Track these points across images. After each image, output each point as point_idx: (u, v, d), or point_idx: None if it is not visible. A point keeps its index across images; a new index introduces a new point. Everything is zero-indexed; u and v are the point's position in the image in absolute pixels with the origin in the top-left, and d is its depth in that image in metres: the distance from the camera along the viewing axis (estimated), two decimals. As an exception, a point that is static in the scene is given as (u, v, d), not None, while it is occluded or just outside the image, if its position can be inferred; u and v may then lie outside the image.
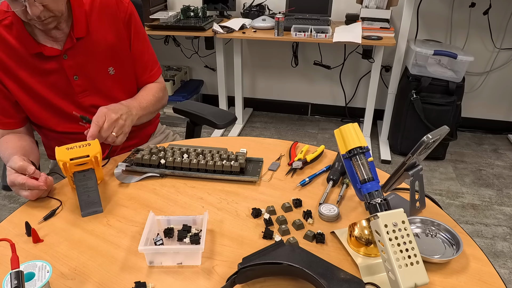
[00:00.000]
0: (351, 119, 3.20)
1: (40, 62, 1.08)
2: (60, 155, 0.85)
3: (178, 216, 0.80)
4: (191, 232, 0.78)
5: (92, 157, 0.86)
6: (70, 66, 1.10)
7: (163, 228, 0.80)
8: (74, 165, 0.86)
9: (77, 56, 1.10)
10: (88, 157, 0.86)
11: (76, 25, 1.08)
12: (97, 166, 0.90)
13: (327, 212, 0.84)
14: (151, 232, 0.77)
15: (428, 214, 0.86)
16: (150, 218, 0.78)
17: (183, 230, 0.78)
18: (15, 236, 0.80)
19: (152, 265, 0.73)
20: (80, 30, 1.08)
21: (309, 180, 0.97)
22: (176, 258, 0.73)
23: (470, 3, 2.63)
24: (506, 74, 2.84)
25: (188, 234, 0.77)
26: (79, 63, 1.11)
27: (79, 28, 1.08)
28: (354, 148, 0.76)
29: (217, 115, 1.37)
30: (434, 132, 0.75)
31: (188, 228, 0.79)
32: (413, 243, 0.66)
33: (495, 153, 2.76)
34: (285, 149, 1.12)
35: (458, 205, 2.22)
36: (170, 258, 0.73)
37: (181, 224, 0.80)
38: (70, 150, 0.86)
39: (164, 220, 0.80)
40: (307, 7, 2.66)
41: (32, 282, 0.62)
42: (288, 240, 0.77)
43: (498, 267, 1.81)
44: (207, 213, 0.80)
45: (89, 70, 1.13)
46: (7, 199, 2.27)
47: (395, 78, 2.62)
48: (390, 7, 2.53)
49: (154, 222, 0.79)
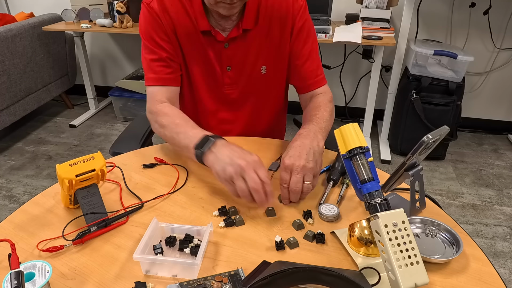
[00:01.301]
0: (351, 119, 3.20)
1: (203, 41, 1.08)
2: (63, 173, 0.78)
3: (182, 225, 0.78)
4: (193, 243, 0.76)
5: (98, 171, 0.81)
6: (228, 56, 1.10)
7: (166, 235, 0.78)
8: (79, 181, 0.80)
9: (237, 48, 1.10)
10: (94, 171, 0.80)
11: (246, 16, 1.06)
12: (102, 181, 0.85)
13: (327, 212, 0.84)
14: (152, 239, 0.75)
15: (428, 214, 0.85)
16: (152, 225, 0.76)
17: (185, 240, 0.76)
18: (15, 236, 0.80)
19: (148, 274, 0.71)
20: (248, 21, 1.06)
21: None
22: (172, 269, 0.71)
23: (470, 3, 2.63)
24: (506, 74, 2.84)
25: (189, 245, 0.75)
26: (237, 55, 1.10)
27: (248, 19, 1.06)
28: (354, 148, 0.76)
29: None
30: (434, 132, 0.75)
31: (190, 238, 0.77)
32: (413, 243, 0.66)
33: (495, 153, 2.76)
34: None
35: (458, 205, 2.22)
36: (166, 269, 0.71)
37: (184, 233, 0.77)
38: (74, 166, 0.79)
39: (168, 227, 0.78)
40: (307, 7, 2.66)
41: (32, 282, 0.62)
42: (288, 240, 0.77)
43: (498, 267, 1.81)
44: (211, 225, 0.77)
45: (243, 64, 1.12)
46: (7, 199, 2.27)
47: (395, 78, 2.62)
48: (390, 7, 2.53)
49: (157, 229, 0.78)
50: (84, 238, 0.78)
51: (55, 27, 2.83)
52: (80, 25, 2.74)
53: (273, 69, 1.15)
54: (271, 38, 1.11)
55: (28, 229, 0.82)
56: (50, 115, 3.31)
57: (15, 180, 2.44)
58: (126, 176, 0.99)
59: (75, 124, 3.11)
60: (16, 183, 2.41)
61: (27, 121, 3.19)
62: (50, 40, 3.00)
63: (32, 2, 3.34)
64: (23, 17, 3.01)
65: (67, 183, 0.78)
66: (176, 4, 1.06)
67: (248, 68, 1.13)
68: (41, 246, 0.77)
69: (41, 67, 2.95)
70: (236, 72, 1.13)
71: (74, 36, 3.05)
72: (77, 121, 3.14)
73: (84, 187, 0.82)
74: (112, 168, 1.02)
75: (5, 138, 2.93)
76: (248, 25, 1.07)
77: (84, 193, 0.82)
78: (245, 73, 1.14)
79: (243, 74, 1.14)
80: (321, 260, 0.74)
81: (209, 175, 0.99)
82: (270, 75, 1.16)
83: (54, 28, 2.82)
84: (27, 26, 2.76)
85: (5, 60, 2.59)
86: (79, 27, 2.75)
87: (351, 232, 0.75)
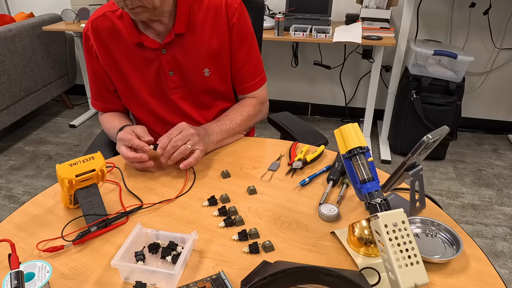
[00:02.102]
0: (351, 119, 3.20)
1: (140, 54, 1.11)
2: (64, 173, 0.78)
3: (167, 232, 0.76)
4: (176, 251, 0.74)
5: (98, 171, 0.81)
6: (168, 61, 1.12)
7: (150, 241, 0.76)
8: (79, 181, 0.80)
9: (175, 52, 1.11)
10: (94, 171, 0.80)
11: (177, 21, 1.08)
12: (102, 181, 0.85)
13: (327, 212, 0.84)
14: (134, 245, 0.74)
15: (428, 214, 0.85)
16: (135, 231, 0.75)
17: (168, 247, 0.74)
18: (15, 236, 0.80)
19: (127, 281, 0.70)
20: (180, 26, 1.08)
21: (309, 180, 0.97)
22: (151, 278, 0.68)
23: (470, 3, 2.63)
24: (506, 74, 2.84)
25: (172, 253, 0.73)
26: (176, 59, 1.12)
27: (180, 23, 1.08)
28: (354, 148, 0.76)
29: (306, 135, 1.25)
30: (434, 132, 0.75)
31: (174, 246, 0.74)
32: (413, 243, 0.66)
33: (495, 153, 2.76)
34: (285, 149, 1.12)
35: (458, 205, 2.22)
36: (145, 277, 0.68)
37: (168, 240, 0.76)
38: (74, 166, 0.79)
39: (153, 234, 0.76)
40: (307, 7, 2.67)
41: (32, 282, 0.62)
42: (263, 244, 0.77)
43: (498, 267, 1.81)
44: (195, 233, 0.75)
45: (184, 67, 1.13)
46: (7, 199, 2.27)
47: (395, 78, 2.62)
48: (390, 7, 2.53)
49: (141, 235, 0.76)
50: (84, 238, 0.78)
51: (55, 27, 2.83)
52: (80, 25, 2.74)
53: (216, 71, 1.16)
54: (208, 42, 1.12)
55: (28, 229, 0.82)
56: (50, 115, 3.31)
57: (15, 180, 2.44)
58: (126, 177, 0.99)
59: (75, 124, 3.11)
60: (16, 183, 2.41)
61: (27, 121, 3.19)
62: (50, 40, 3.00)
63: (32, 2, 3.34)
64: (23, 17, 3.01)
65: (67, 183, 0.78)
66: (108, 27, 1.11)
67: (190, 71, 1.14)
68: (40, 246, 0.77)
69: (41, 67, 2.95)
70: (178, 76, 1.14)
71: (74, 36, 3.06)
72: (77, 121, 3.14)
73: (84, 187, 0.82)
74: (112, 168, 1.02)
75: (5, 138, 2.93)
76: (180, 29, 1.08)
77: (84, 193, 0.82)
78: (188, 76, 1.15)
79: (186, 78, 1.15)
80: (321, 260, 0.74)
81: (209, 175, 1.00)
82: (214, 77, 1.16)
83: (54, 28, 2.82)
84: (27, 26, 2.76)
85: (5, 60, 2.59)
86: (79, 27, 2.75)
87: (351, 232, 0.75)
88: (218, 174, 1.00)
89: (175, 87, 1.15)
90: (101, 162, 0.82)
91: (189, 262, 0.74)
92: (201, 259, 0.75)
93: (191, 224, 0.84)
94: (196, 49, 1.12)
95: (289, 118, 1.43)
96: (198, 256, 0.75)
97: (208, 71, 1.15)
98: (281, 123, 1.38)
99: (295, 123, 1.38)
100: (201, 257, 0.75)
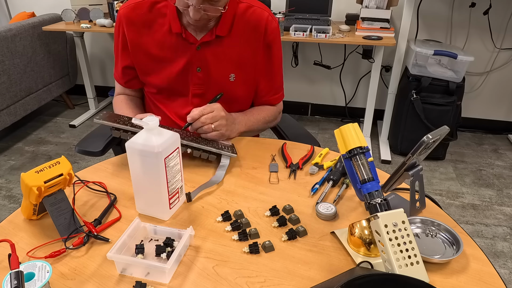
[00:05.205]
0: (351, 119, 3.20)
1: (175, 43, 1.13)
2: (31, 181, 0.73)
3: (165, 227, 0.77)
4: (173, 247, 0.75)
5: (66, 175, 0.78)
6: (199, 58, 1.14)
7: (149, 236, 0.78)
8: (47, 187, 0.75)
9: (208, 52, 1.14)
10: (62, 175, 0.77)
11: (221, 24, 1.11)
12: (69, 185, 0.82)
13: (325, 211, 0.84)
14: (131, 238, 0.75)
15: (428, 214, 0.85)
16: (133, 225, 0.76)
17: (164, 243, 0.75)
18: (15, 236, 0.80)
19: (124, 273, 0.71)
20: (223, 29, 1.12)
21: (318, 186, 0.95)
22: (145, 271, 0.70)
23: (470, 3, 2.63)
24: (506, 74, 2.84)
25: (166, 249, 0.74)
26: (207, 58, 1.15)
27: (223, 27, 1.12)
28: (354, 148, 0.76)
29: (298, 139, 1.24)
30: (434, 132, 0.75)
31: (171, 242, 0.75)
32: (413, 243, 0.66)
33: (495, 153, 2.76)
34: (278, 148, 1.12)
35: (458, 205, 2.22)
36: (140, 270, 0.70)
37: (165, 236, 0.77)
38: (40, 173, 0.75)
39: (151, 228, 0.78)
40: (307, 7, 2.67)
41: (32, 282, 0.62)
42: (263, 244, 0.77)
43: (498, 267, 1.81)
44: (191, 229, 0.76)
45: (213, 68, 1.16)
46: (7, 199, 2.27)
47: (395, 78, 2.62)
48: (390, 7, 2.53)
49: (139, 229, 0.77)
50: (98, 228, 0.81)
51: (55, 27, 2.83)
52: (80, 25, 2.74)
53: (241, 79, 1.19)
54: (243, 50, 1.16)
55: (28, 229, 0.82)
56: (50, 115, 3.31)
57: (15, 180, 2.44)
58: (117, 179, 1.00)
59: (75, 124, 3.11)
60: (16, 183, 2.41)
61: (28, 121, 3.19)
62: (50, 40, 3.00)
63: (33, 2, 3.34)
64: (24, 17, 3.01)
65: (35, 190, 0.73)
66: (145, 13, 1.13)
67: (216, 73, 1.17)
68: (42, 250, 0.77)
69: (42, 67, 2.95)
70: (204, 74, 1.17)
71: (74, 36, 3.06)
72: (77, 121, 3.14)
73: (51, 193, 0.78)
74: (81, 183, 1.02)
75: (5, 138, 2.93)
76: (222, 32, 1.12)
77: (52, 199, 0.79)
78: (213, 77, 1.17)
79: (211, 78, 1.17)
80: (321, 260, 0.74)
81: (209, 175, 1.00)
82: (239, 83, 1.20)
83: (54, 28, 2.82)
84: (27, 26, 2.76)
85: (5, 60, 2.59)
86: (79, 27, 2.75)
87: (351, 232, 0.75)
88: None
89: (199, 84, 1.18)
90: (68, 166, 0.79)
91: (185, 258, 0.75)
92: (197, 258, 0.75)
93: (190, 225, 0.84)
94: (229, 53, 1.15)
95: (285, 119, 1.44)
96: (195, 254, 0.75)
97: (233, 76, 1.18)
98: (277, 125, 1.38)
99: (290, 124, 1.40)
100: (198, 256, 0.75)
